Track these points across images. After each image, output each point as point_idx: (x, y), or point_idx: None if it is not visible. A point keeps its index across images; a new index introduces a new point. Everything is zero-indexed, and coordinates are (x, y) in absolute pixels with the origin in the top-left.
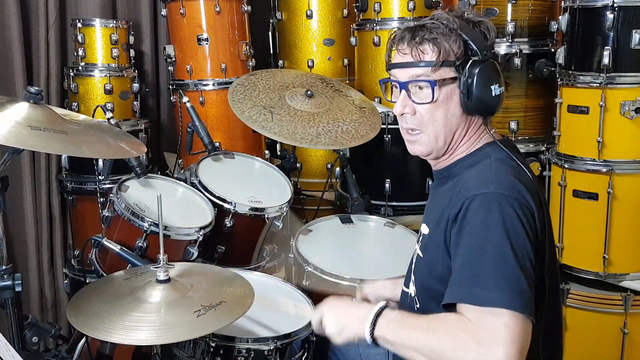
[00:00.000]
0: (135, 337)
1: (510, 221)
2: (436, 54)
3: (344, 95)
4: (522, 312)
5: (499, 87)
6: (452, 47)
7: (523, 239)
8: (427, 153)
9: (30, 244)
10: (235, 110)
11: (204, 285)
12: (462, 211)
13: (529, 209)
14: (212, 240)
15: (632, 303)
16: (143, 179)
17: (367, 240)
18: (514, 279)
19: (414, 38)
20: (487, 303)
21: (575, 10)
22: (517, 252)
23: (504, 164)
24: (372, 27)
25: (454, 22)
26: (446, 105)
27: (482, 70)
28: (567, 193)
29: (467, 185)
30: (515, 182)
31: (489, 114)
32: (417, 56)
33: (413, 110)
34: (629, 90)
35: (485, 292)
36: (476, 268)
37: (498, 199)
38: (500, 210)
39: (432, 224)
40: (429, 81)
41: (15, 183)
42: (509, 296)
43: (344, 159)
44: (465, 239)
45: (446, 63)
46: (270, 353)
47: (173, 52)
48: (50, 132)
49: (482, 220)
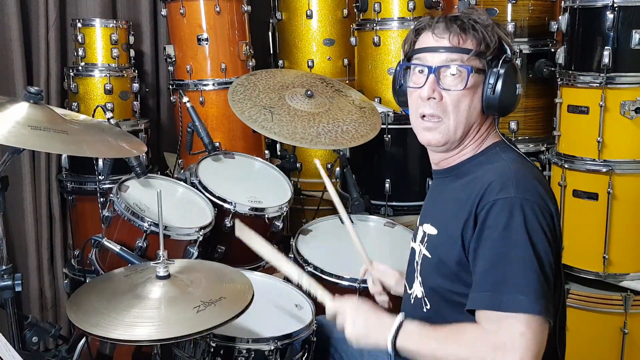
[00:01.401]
0: (135, 333)
1: (532, 226)
2: (476, 42)
3: (344, 95)
4: (541, 314)
5: (519, 87)
6: (490, 39)
7: (544, 243)
8: (443, 143)
9: (30, 244)
10: (235, 110)
11: (204, 282)
12: (483, 215)
13: (548, 212)
14: (212, 240)
15: (632, 303)
16: (143, 179)
17: (367, 240)
18: (537, 283)
19: (454, 24)
20: (508, 308)
21: (575, 10)
22: (539, 256)
23: (521, 165)
24: (372, 27)
25: (489, 19)
26: (471, 97)
27: (512, 68)
28: (567, 193)
29: (486, 187)
30: (535, 184)
31: (505, 113)
32: (457, 42)
33: (440, 95)
34: (629, 90)
35: (507, 297)
36: (500, 273)
37: (521, 203)
38: (523, 215)
39: (441, 224)
40: (466, 67)
41: (15, 183)
42: (531, 300)
43: (344, 159)
44: (487, 244)
45: (480, 54)
46: (270, 353)
47: (173, 52)
48: (50, 132)
49: (504, 225)
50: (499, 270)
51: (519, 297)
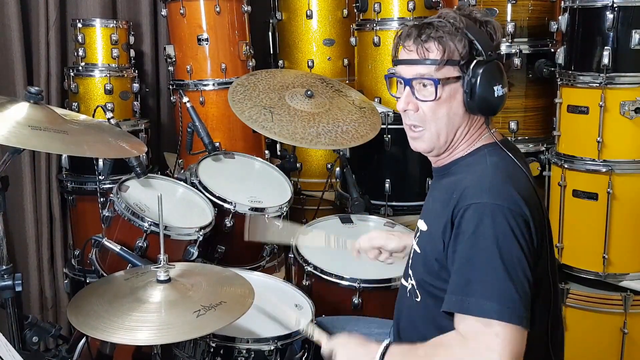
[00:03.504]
0: (135, 337)
1: (502, 232)
2: (441, 52)
3: (344, 95)
4: (511, 322)
5: (502, 87)
6: (457, 46)
7: (515, 250)
8: (429, 150)
9: (30, 244)
10: (235, 110)
11: (204, 286)
12: (457, 220)
13: (522, 218)
14: (212, 240)
15: (632, 303)
16: (143, 179)
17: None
18: (502, 290)
19: (420, 36)
20: (478, 313)
21: (575, 10)
22: (506, 263)
23: (500, 170)
24: (372, 27)
25: (461, 21)
26: (449, 104)
27: (486, 70)
28: (567, 193)
29: (462, 192)
30: (510, 190)
31: (491, 114)
32: (422, 54)
33: (416, 107)
34: (628, 90)
35: (475, 301)
36: (466, 277)
37: (492, 209)
38: (493, 221)
39: (430, 221)
40: (433, 80)
41: (15, 183)
42: (498, 307)
43: (344, 159)
44: (459, 248)
45: (450, 62)
46: (270, 353)
47: (173, 52)
48: (50, 132)
49: (473, 230)
50: (465, 275)
51: (483, 302)
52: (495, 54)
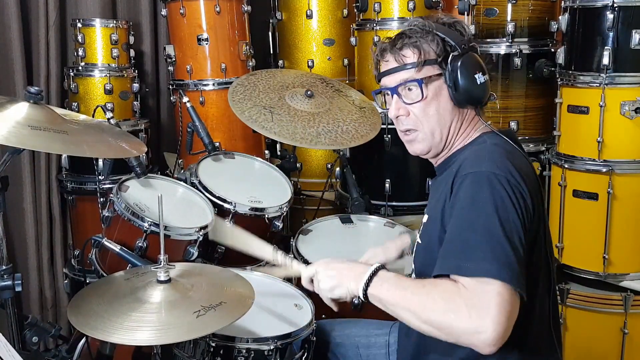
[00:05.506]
0: (135, 337)
1: (500, 197)
2: (417, 54)
3: (344, 95)
4: (511, 283)
5: (482, 75)
6: (431, 46)
7: (512, 216)
8: (427, 150)
9: (30, 244)
10: (235, 110)
11: (205, 286)
12: (456, 189)
13: (519, 189)
14: (212, 240)
15: (632, 303)
16: (143, 179)
17: (367, 240)
18: (502, 253)
19: (394, 46)
20: (477, 274)
21: (575, 10)
22: (505, 227)
23: (500, 148)
24: (372, 27)
25: (430, 25)
26: (437, 101)
27: (464, 62)
28: (567, 193)
29: (461, 164)
30: (507, 163)
31: (478, 103)
32: (400, 60)
33: (407, 111)
34: (629, 90)
35: (474, 264)
36: (465, 242)
37: (488, 176)
38: (491, 187)
39: (430, 210)
40: (416, 80)
41: (15, 183)
42: (497, 267)
43: (344, 159)
44: (456, 214)
45: (428, 62)
46: (270, 353)
47: (173, 52)
48: (50, 132)
49: (472, 196)
50: (464, 238)
51: (483, 264)
52: (468, 47)
